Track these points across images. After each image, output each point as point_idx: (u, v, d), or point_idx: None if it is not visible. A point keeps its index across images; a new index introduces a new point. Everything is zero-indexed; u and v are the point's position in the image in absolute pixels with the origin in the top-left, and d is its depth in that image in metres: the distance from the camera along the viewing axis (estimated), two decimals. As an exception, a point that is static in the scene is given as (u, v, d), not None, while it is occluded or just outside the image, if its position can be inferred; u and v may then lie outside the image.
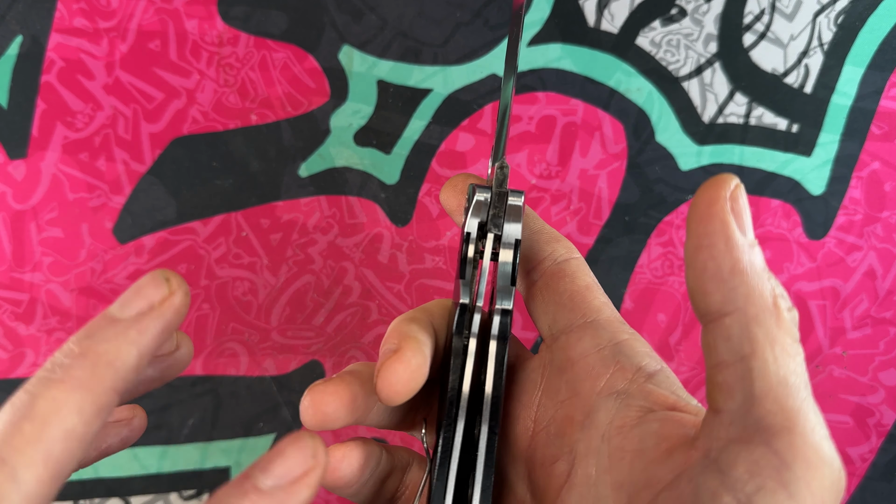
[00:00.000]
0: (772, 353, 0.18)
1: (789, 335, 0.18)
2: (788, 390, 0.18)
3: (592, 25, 0.44)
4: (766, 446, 0.17)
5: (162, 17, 0.42)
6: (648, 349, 0.24)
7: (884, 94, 0.46)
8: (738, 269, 0.18)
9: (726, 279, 0.18)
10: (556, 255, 0.26)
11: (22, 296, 0.44)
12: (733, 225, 0.19)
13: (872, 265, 0.48)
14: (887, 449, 0.50)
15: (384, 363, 0.22)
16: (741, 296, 0.18)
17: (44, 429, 0.16)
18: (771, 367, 0.18)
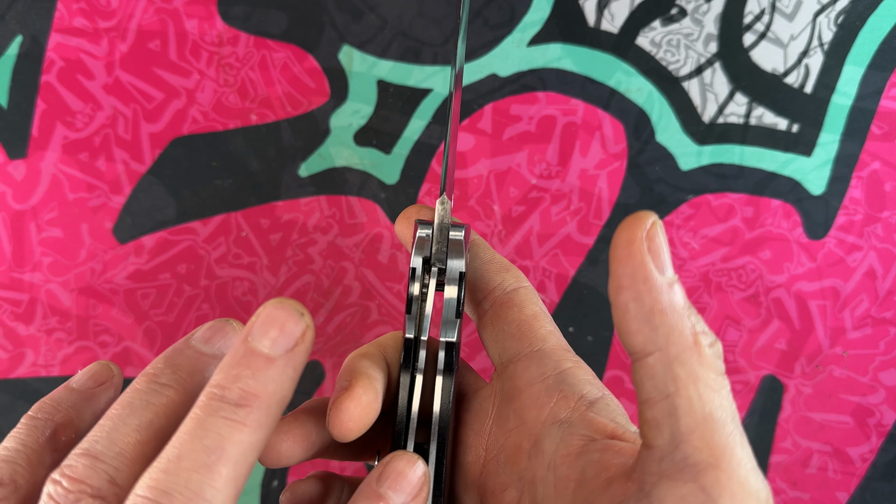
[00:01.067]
0: (695, 390, 0.19)
1: (712, 370, 0.19)
2: (714, 426, 0.18)
3: (592, 25, 0.44)
4: (694, 483, 0.18)
5: (162, 17, 0.42)
6: (591, 376, 0.24)
7: (884, 93, 0.46)
8: (657, 309, 0.19)
9: (647, 320, 0.19)
10: (505, 284, 0.26)
11: (22, 296, 0.44)
12: (651, 265, 0.19)
13: (873, 265, 0.48)
14: (888, 449, 0.50)
15: (335, 401, 0.22)
16: (662, 336, 0.19)
17: (236, 469, 0.18)
18: (695, 405, 0.19)
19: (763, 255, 0.47)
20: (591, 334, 0.48)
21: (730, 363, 0.49)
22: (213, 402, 0.18)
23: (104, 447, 0.19)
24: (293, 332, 0.19)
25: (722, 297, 0.48)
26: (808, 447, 0.50)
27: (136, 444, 0.19)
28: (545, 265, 0.47)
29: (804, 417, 0.50)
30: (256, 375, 0.19)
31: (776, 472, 0.50)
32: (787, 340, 0.49)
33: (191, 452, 0.18)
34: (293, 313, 0.19)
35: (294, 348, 0.19)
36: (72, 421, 0.22)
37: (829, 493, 0.51)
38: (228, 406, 0.18)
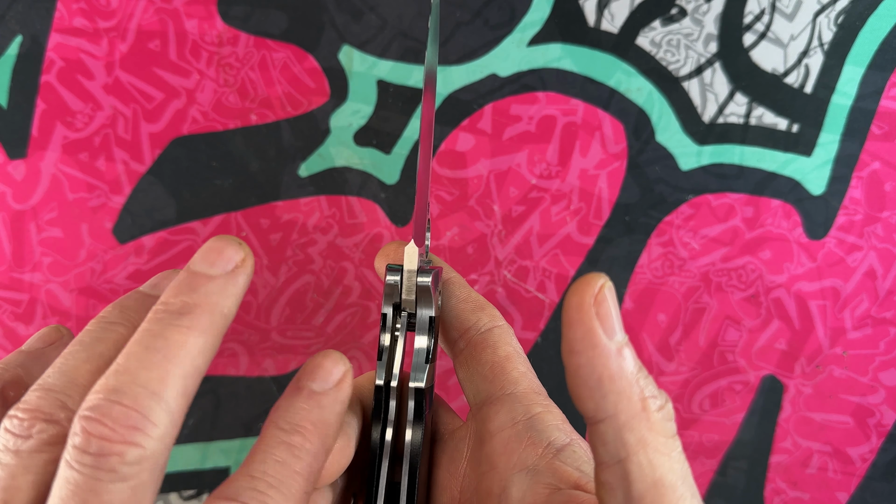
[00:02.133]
0: (645, 456, 0.19)
1: (662, 434, 0.19)
2: (664, 490, 0.19)
3: (592, 25, 0.44)
4: None
5: (162, 17, 0.42)
6: (560, 421, 0.25)
7: (884, 93, 0.46)
8: (606, 375, 0.19)
9: (597, 386, 0.19)
10: (479, 324, 0.27)
11: (22, 296, 0.44)
12: (599, 331, 0.19)
13: (873, 265, 0.48)
14: (888, 449, 0.50)
15: None
16: (611, 403, 0.19)
17: (184, 369, 0.19)
18: (646, 470, 0.19)
19: (763, 255, 0.47)
20: (591, 334, 0.48)
21: (730, 363, 0.49)
22: (156, 315, 0.19)
23: (55, 379, 0.20)
24: (232, 257, 0.21)
25: (722, 297, 0.48)
26: (808, 447, 0.50)
27: (86, 372, 0.20)
28: (545, 265, 0.47)
29: (804, 417, 0.50)
30: (197, 289, 0.20)
31: (776, 473, 0.50)
32: (788, 340, 0.49)
33: (138, 354, 0.19)
34: (231, 242, 0.21)
35: (234, 270, 0.20)
36: (20, 378, 0.23)
37: (829, 493, 0.51)
38: (171, 315, 0.19)
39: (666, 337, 0.48)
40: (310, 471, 0.21)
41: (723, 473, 0.50)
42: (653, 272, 0.48)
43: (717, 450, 0.50)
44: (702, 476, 0.50)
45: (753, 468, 0.50)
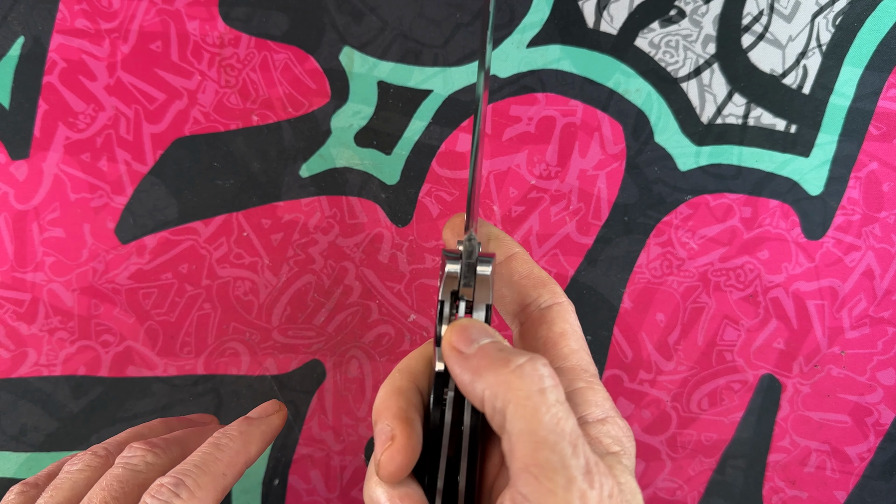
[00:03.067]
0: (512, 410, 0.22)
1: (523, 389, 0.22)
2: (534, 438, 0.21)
3: (591, 26, 0.44)
4: (514, 489, 0.21)
5: (163, 19, 0.43)
6: (600, 398, 0.26)
7: (882, 94, 0.46)
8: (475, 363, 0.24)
9: None
10: (540, 300, 0.28)
11: (24, 295, 0.44)
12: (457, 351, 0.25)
13: (871, 265, 0.48)
14: (885, 448, 0.50)
15: (385, 452, 0.25)
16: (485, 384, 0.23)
17: (223, 475, 0.31)
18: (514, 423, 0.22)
19: (761, 255, 0.48)
20: (591, 334, 0.48)
21: (728, 363, 0.49)
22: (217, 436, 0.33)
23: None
24: (268, 410, 0.36)
25: (720, 296, 0.48)
26: (806, 446, 0.50)
27: None
28: (544, 265, 0.47)
29: (802, 416, 0.50)
30: (242, 425, 0.34)
31: (774, 471, 0.50)
32: (786, 340, 0.49)
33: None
34: (273, 403, 0.37)
35: (267, 418, 0.35)
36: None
37: (827, 491, 0.51)
38: (222, 438, 0.33)
39: (664, 336, 0.48)
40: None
41: (721, 472, 0.50)
42: (651, 272, 0.48)
43: (715, 449, 0.50)
44: (700, 475, 0.50)
45: (752, 467, 0.50)
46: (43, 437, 0.45)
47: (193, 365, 0.46)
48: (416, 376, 0.27)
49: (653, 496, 0.50)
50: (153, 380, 0.46)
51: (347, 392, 0.48)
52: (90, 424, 0.46)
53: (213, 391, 0.46)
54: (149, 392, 0.46)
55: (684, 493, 0.51)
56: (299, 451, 0.48)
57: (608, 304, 0.48)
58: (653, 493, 0.50)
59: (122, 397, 0.46)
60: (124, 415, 0.46)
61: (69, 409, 0.45)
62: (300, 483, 0.48)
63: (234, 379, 0.47)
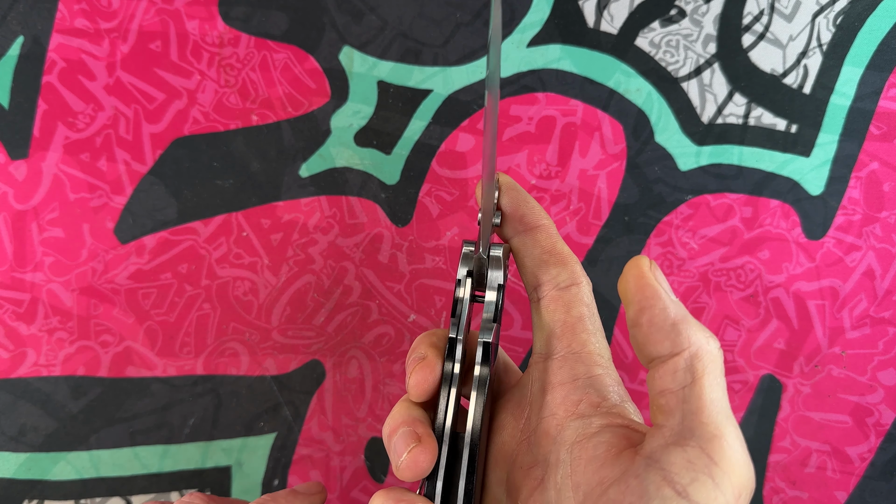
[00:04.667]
0: (708, 381, 0.23)
1: (719, 367, 0.24)
2: (718, 408, 0.23)
3: (592, 26, 0.44)
4: (700, 449, 0.22)
5: (163, 18, 0.42)
6: (615, 384, 0.28)
7: (882, 94, 0.46)
8: (678, 319, 0.24)
9: (671, 329, 0.24)
10: (558, 279, 0.29)
11: (23, 296, 0.44)
12: (666, 288, 0.24)
13: (871, 265, 0.48)
14: (886, 448, 0.50)
15: (409, 452, 0.27)
16: (685, 339, 0.24)
17: None
18: (706, 391, 0.23)
19: (762, 255, 0.48)
20: (591, 334, 0.48)
21: (729, 363, 0.49)
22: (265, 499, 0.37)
23: None
24: (311, 490, 0.39)
25: (721, 296, 0.48)
26: (806, 446, 0.50)
27: None
28: (545, 265, 0.47)
29: (803, 417, 0.50)
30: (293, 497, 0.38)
31: (775, 472, 0.50)
32: (786, 340, 0.49)
33: None
34: (316, 484, 0.40)
35: (312, 495, 0.38)
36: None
37: (827, 492, 0.51)
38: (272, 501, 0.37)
39: (665, 336, 0.48)
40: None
41: (722, 472, 0.50)
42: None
43: (716, 449, 0.50)
44: (701, 475, 0.50)
45: (752, 467, 0.50)
46: (42, 438, 0.45)
47: (193, 365, 0.46)
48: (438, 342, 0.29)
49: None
50: (152, 380, 0.46)
51: (347, 392, 0.48)
52: (89, 425, 0.46)
53: (213, 391, 0.46)
54: (148, 392, 0.46)
55: (685, 494, 0.50)
56: (299, 452, 0.48)
57: (608, 304, 0.48)
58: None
59: (122, 397, 0.46)
60: (123, 415, 0.46)
61: (68, 410, 0.45)
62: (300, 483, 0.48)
63: (234, 379, 0.47)
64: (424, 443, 0.27)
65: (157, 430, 0.46)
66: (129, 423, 0.46)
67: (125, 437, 0.46)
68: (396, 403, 0.29)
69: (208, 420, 0.47)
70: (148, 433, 0.46)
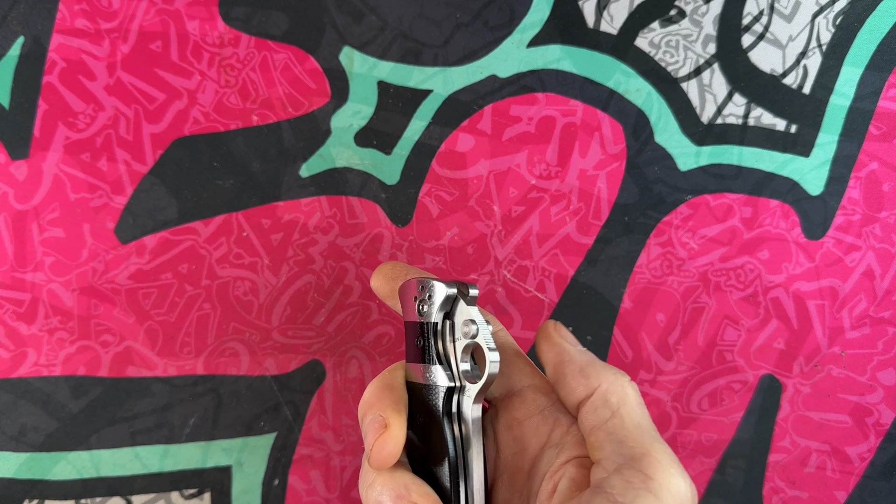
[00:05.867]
0: (625, 410, 0.26)
1: (633, 397, 0.27)
2: (641, 430, 0.26)
3: (592, 26, 0.44)
4: (634, 469, 0.25)
5: (163, 18, 0.43)
6: None
7: (882, 94, 0.46)
8: (585, 364, 0.28)
9: (580, 374, 0.28)
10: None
11: (23, 295, 0.44)
12: (571, 342, 0.29)
13: (871, 265, 0.48)
14: (886, 448, 0.50)
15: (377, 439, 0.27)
16: (594, 380, 0.27)
17: None
18: (627, 420, 0.26)
19: (761, 255, 0.48)
20: (591, 334, 0.48)
21: (728, 363, 0.49)
22: None
23: None
24: None
25: (721, 296, 0.48)
26: (806, 446, 0.50)
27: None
28: (545, 265, 0.47)
29: (803, 416, 0.50)
30: None
31: (774, 471, 0.50)
32: (786, 340, 0.49)
33: None
34: None
35: None
36: None
37: (827, 491, 0.51)
38: None
39: (665, 336, 0.48)
40: None
41: (721, 472, 0.50)
42: (651, 272, 0.48)
43: (715, 449, 0.50)
44: (700, 475, 0.50)
45: (752, 467, 0.50)
46: (43, 438, 0.45)
47: (193, 365, 0.46)
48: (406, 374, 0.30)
49: (653, 496, 0.50)
50: (153, 380, 0.46)
51: (347, 392, 0.48)
52: (90, 424, 0.46)
53: (213, 391, 0.46)
54: (148, 392, 0.46)
55: (684, 494, 0.51)
56: (299, 452, 0.48)
57: (608, 304, 0.48)
58: (653, 493, 0.50)
59: (122, 397, 0.46)
60: (124, 415, 0.46)
61: (69, 410, 0.45)
62: (300, 483, 0.48)
63: (234, 379, 0.47)
64: (391, 429, 0.27)
65: (158, 429, 0.46)
66: (130, 423, 0.46)
67: (125, 437, 0.46)
68: (371, 382, 0.30)
69: (209, 420, 0.47)
70: (148, 433, 0.46)
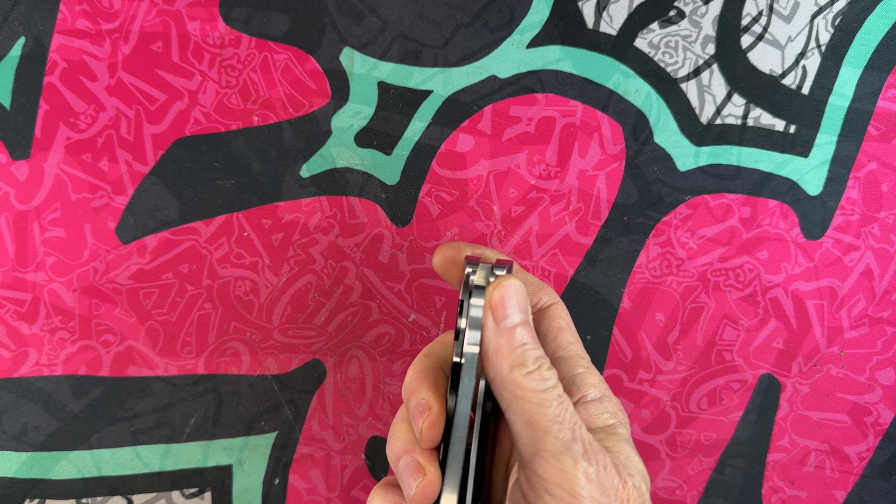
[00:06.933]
0: (517, 404, 0.27)
1: (530, 389, 0.27)
2: (534, 427, 0.26)
3: (591, 27, 0.44)
4: (530, 469, 0.25)
5: (164, 19, 0.43)
6: (597, 380, 0.31)
7: (881, 94, 0.46)
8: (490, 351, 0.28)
9: (486, 359, 0.29)
10: (541, 302, 0.33)
11: (25, 295, 0.44)
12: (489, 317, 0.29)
13: (870, 265, 0.48)
14: (884, 448, 0.50)
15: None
16: (491, 371, 0.28)
17: None
18: (518, 415, 0.27)
19: (760, 255, 0.48)
20: (590, 334, 0.48)
21: (727, 362, 0.49)
22: None
23: None
24: None
25: (720, 296, 0.48)
26: (805, 446, 0.50)
27: None
28: (544, 265, 0.47)
29: (802, 416, 0.50)
30: None
31: (774, 471, 0.51)
32: (785, 340, 0.49)
33: None
34: None
35: None
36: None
37: (826, 491, 0.51)
38: None
39: (664, 336, 0.49)
40: None
41: (720, 472, 0.50)
42: (651, 272, 0.48)
43: (714, 448, 0.50)
44: (700, 474, 0.50)
45: (751, 466, 0.50)
46: (44, 437, 0.46)
47: (194, 365, 0.46)
48: (440, 359, 0.31)
49: (652, 495, 0.51)
50: (154, 379, 0.46)
51: (348, 392, 0.48)
52: (91, 424, 0.46)
53: (214, 391, 0.47)
54: (149, 392, 0.46)
55: (684, 493, 0.51)
56: (299, 451, 0.48)
57: (608, 303, 0.48)
58: (652, 492, 0.51)
59: (123, 397, 0.46)
60: (125, 415, 0.46)
61: (70, 409, 0.46)
62: (300, 482, 0.48)
63: (235, 378, 0.47)
64: (430, 475, 0.29)
65: (159, 429, 0.46)
66: (131, 423, 0.46)
67: (126, 437, 0.46)
68: (397, 418, 0.31)
69: (209, 419, 0.47)
70: (149, 432, 0.46)
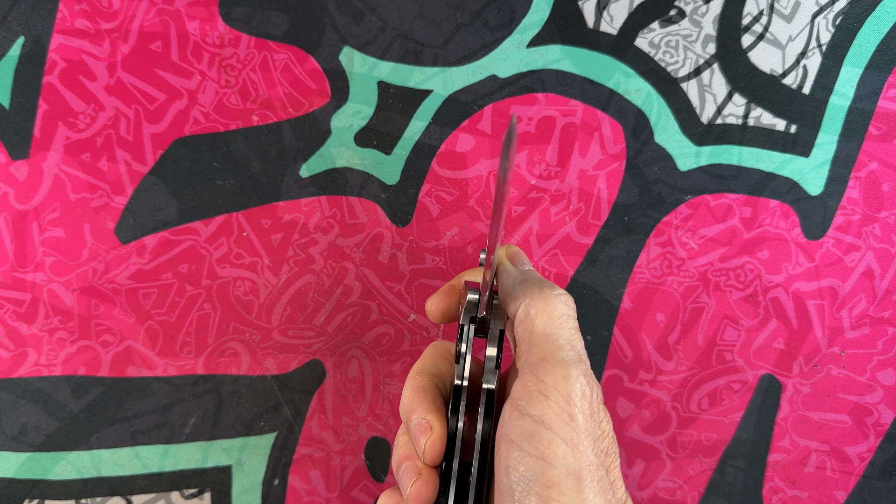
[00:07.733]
0: (540, 320, 0.29)
1: (561, 305, 0.29)
2: (548, 339, 0.28)
3: (592, 27, 0.44)
4: (531, 373, 0.27)
5: (163, 19, 0.43)
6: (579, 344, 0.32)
7: (882, 94, 0.46)
8: (520, 279, 0.31)
9: (512, 290, 0.31)
10: None
11: (24, 295, 0.44)
12: (518, 262, 0.33)
13: (870, 265, 0.48)
14: (885, 448, 0.50)
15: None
16: (521, 296, 0.30)
17: None
18: (537, 329, 0.29)
19: (761, 255, 0.48)
20: (590, 334, 0.48)
21: (728, 363, 0.49)
22: None
23: None
24: None
25: (720, 296, 0.48)
26: (806, 446, 0.50)
27: None
28: (544, 265, 0.47)
29: (802, 416, 0.50)
30: None
31: (774, 471, 0.50)
32: (786, 340, 0.49)
33: None
34: None
35: None
36: None
37: (827, 491, 0.51)
38: None
39: (664, 336, 0.49)
40: None
41: (721, 472, 0.50)
42: (651, 272, 0.48)
43: (715, 448, 0.50)
44: (700, 475, 0.50)
45: (752, 467, 0.50)
46: (43, 437, 0.45)
47: (193, 365, 0.46)
48: (434, 376, 0.32)
49: (653, 496, 0.51)
50: (153, 380, 0.46)
51: (347, 392, 0.48)
52: (90, 424, 0.46)
53: (213, 391, 0.46)
54: (149, 392, 0.46)
55: (684, 493, 0.51)
56: (299, 451, 0.48)
57: (608, 304, 0.48)
58: (653, 492, 0.51)
59: (122, 397, 0.46)
60: (124, 415, 0.46)
61: (69, 409, 0.45)
62: (300, 483, 0.48)
63: (234, 379, 0.47)
64: (424, 476, 0.30)
65: (158, 429, 0.46)
66: (130, 423, 0.46)
67: (126, 437, 0.46)
68: (400, 431, 0.32)
69: (209, 419, 0.47)
70: (149, 433, 0.46)
